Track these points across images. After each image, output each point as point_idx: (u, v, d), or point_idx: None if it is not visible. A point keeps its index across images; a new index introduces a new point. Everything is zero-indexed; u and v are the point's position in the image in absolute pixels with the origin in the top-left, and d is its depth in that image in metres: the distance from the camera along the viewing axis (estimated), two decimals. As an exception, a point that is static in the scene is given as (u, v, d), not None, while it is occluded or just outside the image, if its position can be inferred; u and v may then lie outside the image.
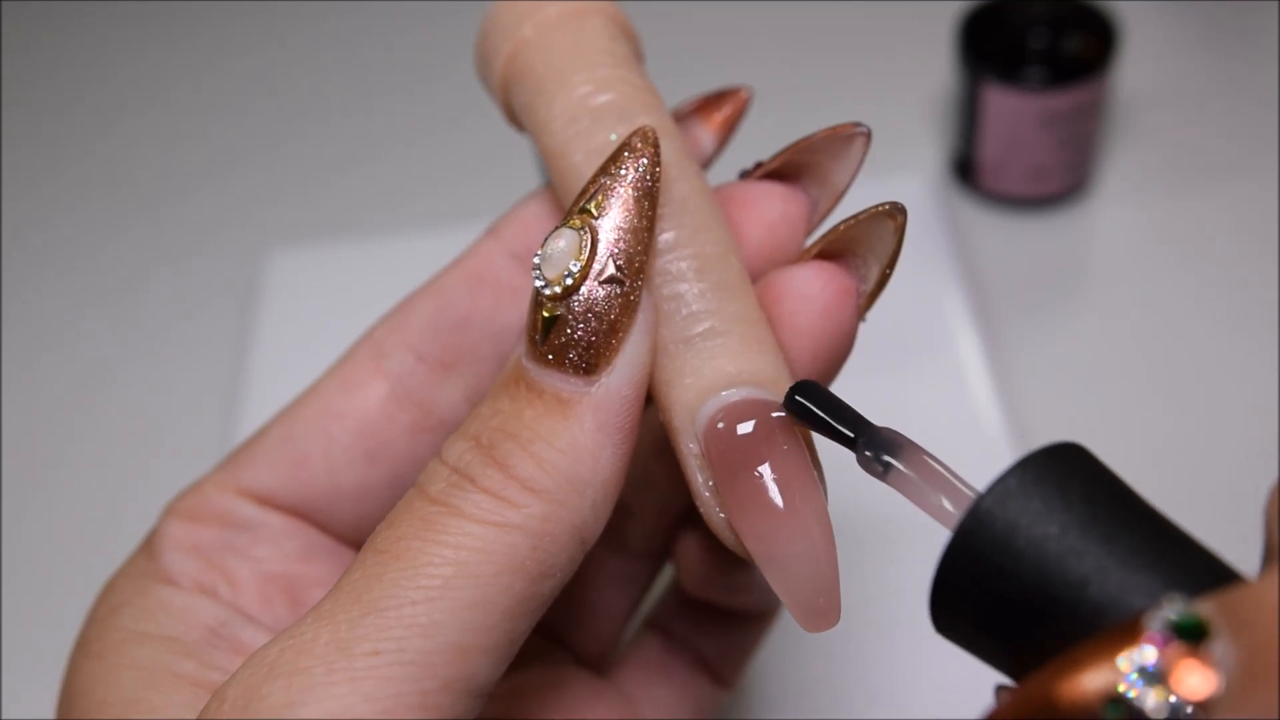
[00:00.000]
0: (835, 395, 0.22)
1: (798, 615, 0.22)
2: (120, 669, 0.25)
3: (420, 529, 0.22)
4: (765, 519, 0.22)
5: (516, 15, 0.26)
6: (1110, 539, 0.19)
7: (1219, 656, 0.16)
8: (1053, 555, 0.19)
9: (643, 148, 0.23)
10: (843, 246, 0.25)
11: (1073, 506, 0.19)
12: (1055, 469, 0.20)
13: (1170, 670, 0.16)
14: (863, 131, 0.25)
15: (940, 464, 0.21)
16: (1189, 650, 0.16)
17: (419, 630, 0.20)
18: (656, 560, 0.32)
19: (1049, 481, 0.19)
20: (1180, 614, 0.16)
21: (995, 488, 0.19)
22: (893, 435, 0.22)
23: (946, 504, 0.21)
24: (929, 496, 0.21)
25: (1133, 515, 0.19)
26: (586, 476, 0.22)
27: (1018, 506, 0.19)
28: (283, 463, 0.28)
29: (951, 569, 0.20)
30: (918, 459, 0.21)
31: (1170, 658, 0.16)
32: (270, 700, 0.20)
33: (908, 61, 0.64)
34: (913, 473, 0.21)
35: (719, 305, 0.24)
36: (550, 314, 0.23)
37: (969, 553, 0.19)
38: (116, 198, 0.66)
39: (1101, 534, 0.19)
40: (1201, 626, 0.16)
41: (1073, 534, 0.19)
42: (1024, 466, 0.20)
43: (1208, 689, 0.15)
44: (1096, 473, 0.20)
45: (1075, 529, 0.19)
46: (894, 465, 0.21)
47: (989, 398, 0.49)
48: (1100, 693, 0.16)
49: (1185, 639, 0.16)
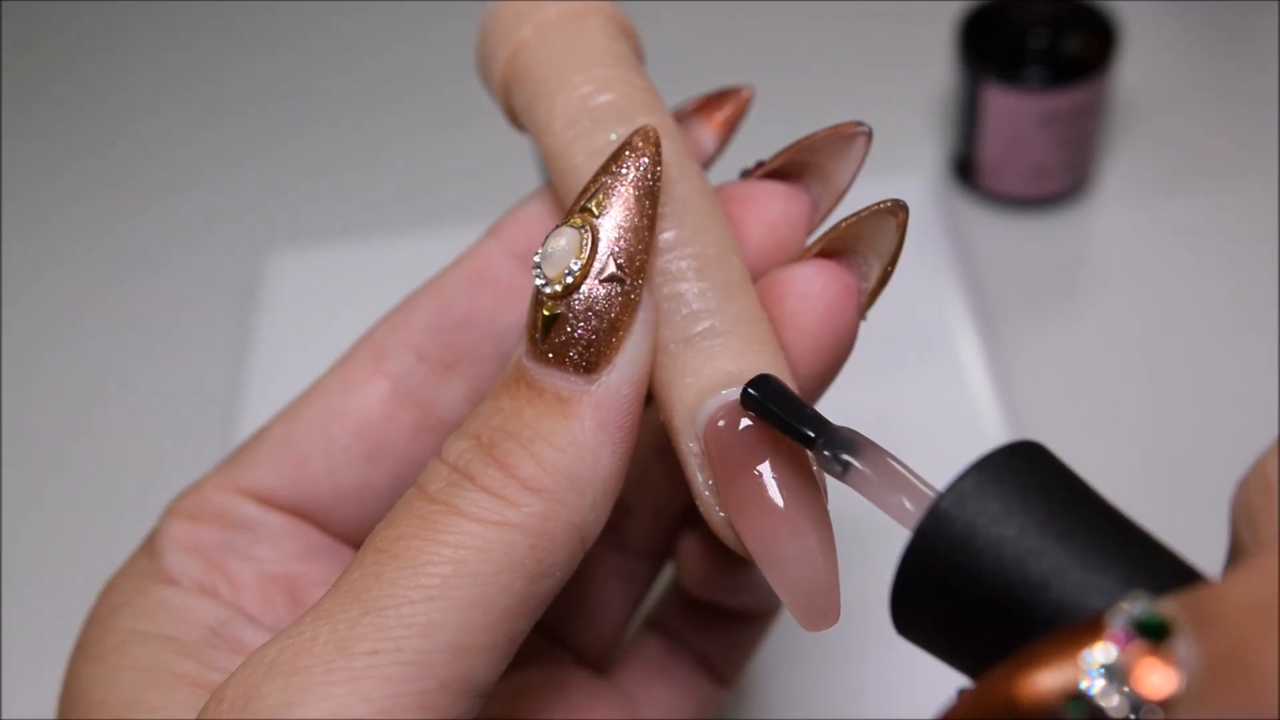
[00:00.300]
0: (793, 393, 0.22)
1: (797, 615, 0.22)
2: (120, 669, 0.25)
3: (419, 528, 0.22)
4: (765, 518, 0.22)
5: (516, 16, 0.26)
6: (1069, 538, 0.19)
7: (1182, 655, 0.15)
8: (1011, 555, 0.19)
9: (644, 147, 0.23)
10: (844, 245, 0.25)
11: (1032, 506, 0.19)
12: (1015, 468, 0.20)
13: (1132, 668, 0.16)
14: (864, 130, 0.25)
15: (900, 464, 0.21)
16: (1151, 648, 0.16)
17: (417, 630, 0.20)
18: (657, 560, 0.32)
19: (1008, 481, 0.19)
20: (1143, 612, 0.16)
21: (954, 488, 0.19)
22: (851, 435, 0.22)
23: (906, 504, 0.20)
24: (888, 496, 0.21)
25: (1093, 514, 0.19)
26: (586, 475, 0.22)
27: (976, 506, 0.19)
28: (283, 463, 0.28)
29: (911, 570, 0.20)
30: (877, 459, 0.21)
31: (1132, 655, 0.16)
32: (269, 700, 0.20)
33: (908, 61, 0.64)
34: (872, 472, 0.21)
35: (719, 305, 0.24)
36: (550, 312, 0.23)
37: (928, 553, 0.19)
38: (116, 198, 0.66)
39: (1061, 533, 0.19)
40: (1164, 625, 0.16)
41: (1032, 533, 0.19)
42: (982, 466, 0.20)
43: (1169, 688, 0.15)
44: (1056, 472, 0.20)
45: (1034, 528, 0.19)
46: (853, 465, 0.21)
47: (989, 398, 0.49)
48: (1060, 690, 0.16)
49: (1148, 637, 0.16)
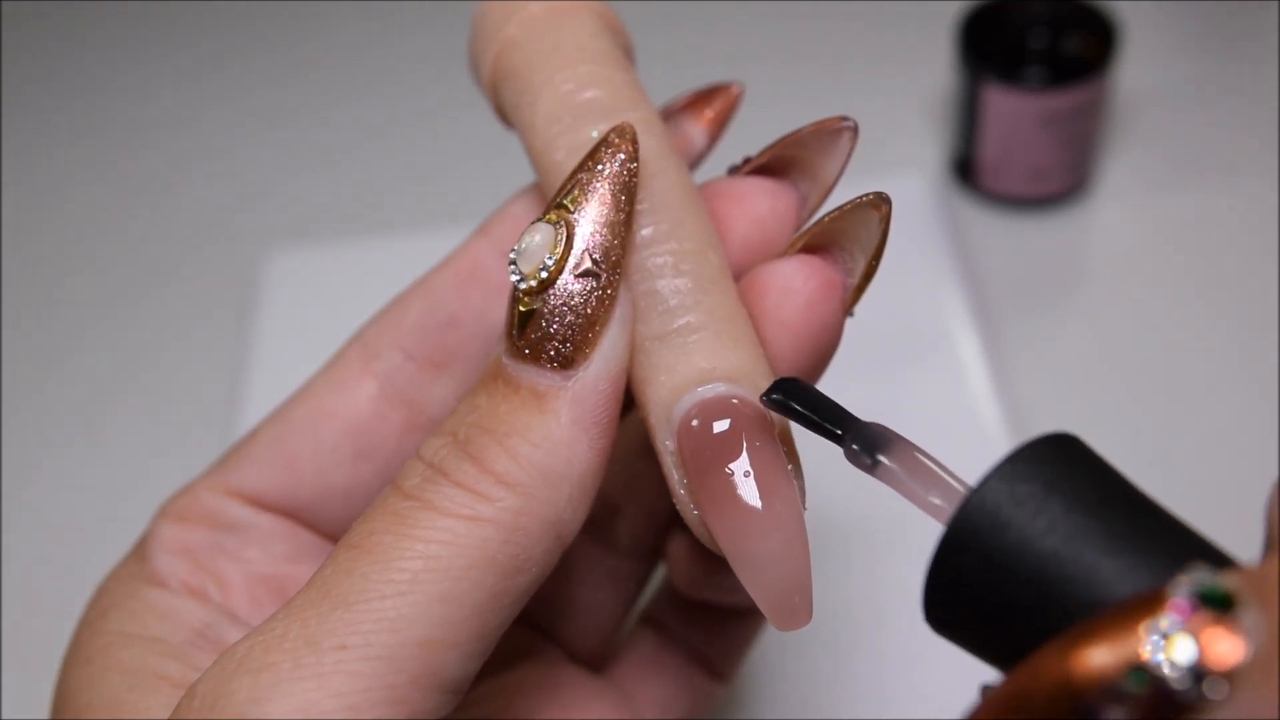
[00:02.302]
0: (819, 391, 0.22)
1: (769, 614, 0.22)
2: (106, 671, 0.25)
3: (392, 524, 0.21)
4: (737, 517, 0.22)
5: (503, 14, 0.26)
6: (1108, 529, 0.19)
7: (1248, 626, 0.15)
8: (1049, 548, 0.19)
9: (620, 143, 0.23)
10: (828, 239, 0.25)
11: (1068, 497, 0.19)
12: (1049, 459, 0.19)
13: (1198, 636, 0.15)
14: (849, 126, 0.25)
15: (930, 458, 0.21)
16: (1217, 618, 0.15)
17: (387, 625, 0.20)
18: (649, 559, 0.32)
19: (1043, 472, 0.19)
20: (1207, 582, 0.16)
21: (988, 481, 0.19)
22: (881, 430, 0.21)
23: (937, 499, 0.20)
24: (919, 492, 0.21)
25: (1129, 505, 0.19)
26: (562, 470, 0.22)
27: (1012, 499, 0.19)
28: (273, 464, 0.28)
29: (944, 565, 0.19)
30: (907, 454, 0.21)
31: (1197, 624, 0.15)
32: (236, 697, 0.20)
33: (908, 61, 0.64)
34: (902, 468, 0.21)
35: (696, 301, 0.24)
36: (526, 308, 0.23)
37: (962, 548, 0.19)
38: (116, 197, 0.66)
39: (1099, 524, 0.19)
40: (1228, 596, 0.15)
41: (1068, 525, 0.19)
42: (1016, 458, 0.19)
43: (1236, 657, 0.15)
44: (1091, 462, 0.20)
45: (1070, 520, 0.19)
46: (883, 461, 0.21)
47: (989, 397, 0.49)
48: (1121, 663, 0.15)
49: (1212, 607, 0.15)
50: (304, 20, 0.73)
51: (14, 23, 0.75)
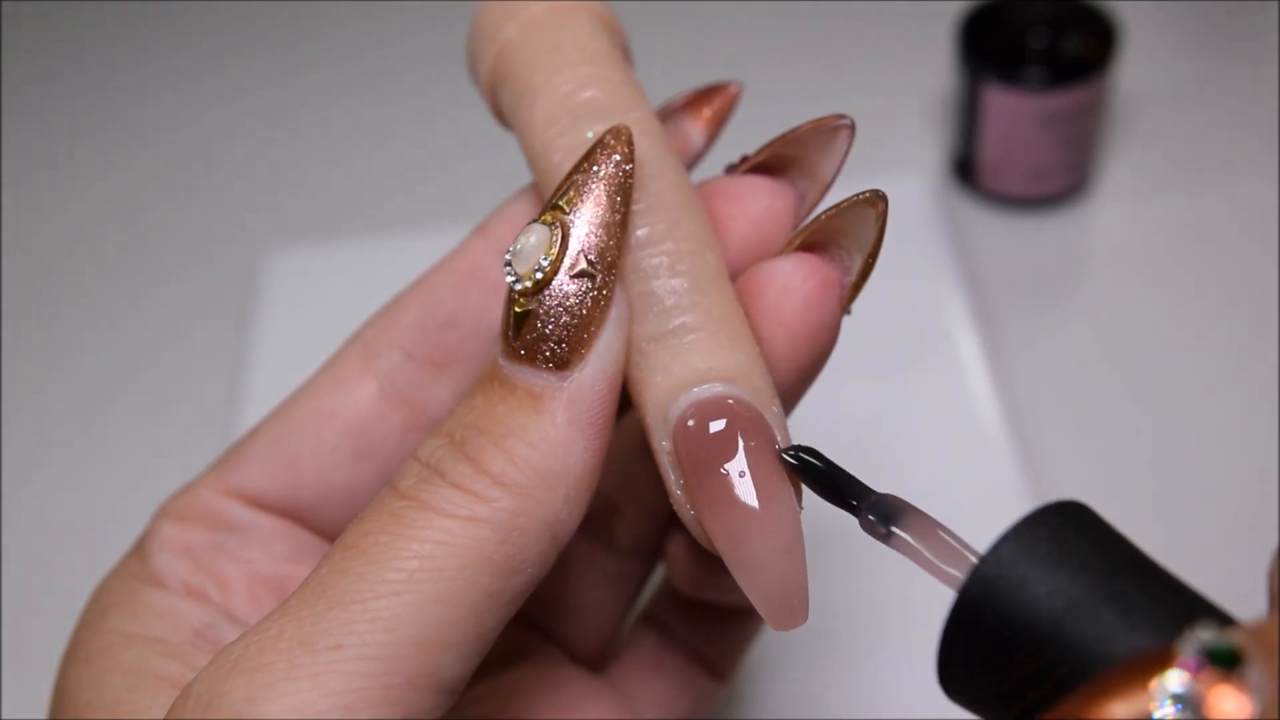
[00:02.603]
0: (832, 462, 0.23)
1: (765, 615, 0.22)
2: (106, 672, 0.25)
3: (388, 524, 0.21)
4: (733, 518, 0.22)
5: (501, 15, 0.26)
6: (1118, 590, 0.19)
7: (1254, 683, 0.15)
8: (1060, 609, 0.19)
9: (616, 144, 0.23)
10: (825, 238, 0.24)
11: (1080, 562, 0.19)
12: (1057, 527, 0.20)
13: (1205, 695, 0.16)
14: (846, 124, 0.25)
15: (943, 529, 0.21)
16: (1224, 676, 0.16)
17: (382, 625, 0.20)
18: (648, 559, 0.32)
19: (1054, 538, 0.20)
20: (1214, 640, 0.16)
21: (997, 549, 0.20)
22: (895, 501, 0.22)
23: (949, 568, 0.21)
24: (933, 561, 0.21)
25: (1139, 570, 0.19)
26: (558, 470, 0.22)
27: (1020, 567, 0.19)
28: (273, 464, 0.28)
29: (956, 632, 0.20)
30: (920, 523, 0.21)
31: (1205, 683, 0.16)
32: (231, 697, 0.20)
33: (908, 61, 0.64)
34: (915, 538, 0.21)
35: (693, 301, 0.24)
36: (522, 309, 0.23)
37: (975, 613, 0.20)
38: (115, 198, 0.66)
39: (1109, 587, 0.19)
40: (1236, 653, 0.16)
41: (1079, 587, 0.19)
42: (1025, 526, 0.20)
43: (1243, 714, 0.15)
44: (1098, 530, 0.20)
45: (1082, 582, 0.19)
46: (896, 532, 0.22)
47: (989, 397, 0.49)
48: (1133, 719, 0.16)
49: (1220, 665, 0.16)
50: (304, 20, 0.74)
51: (14, 23, 0.75)
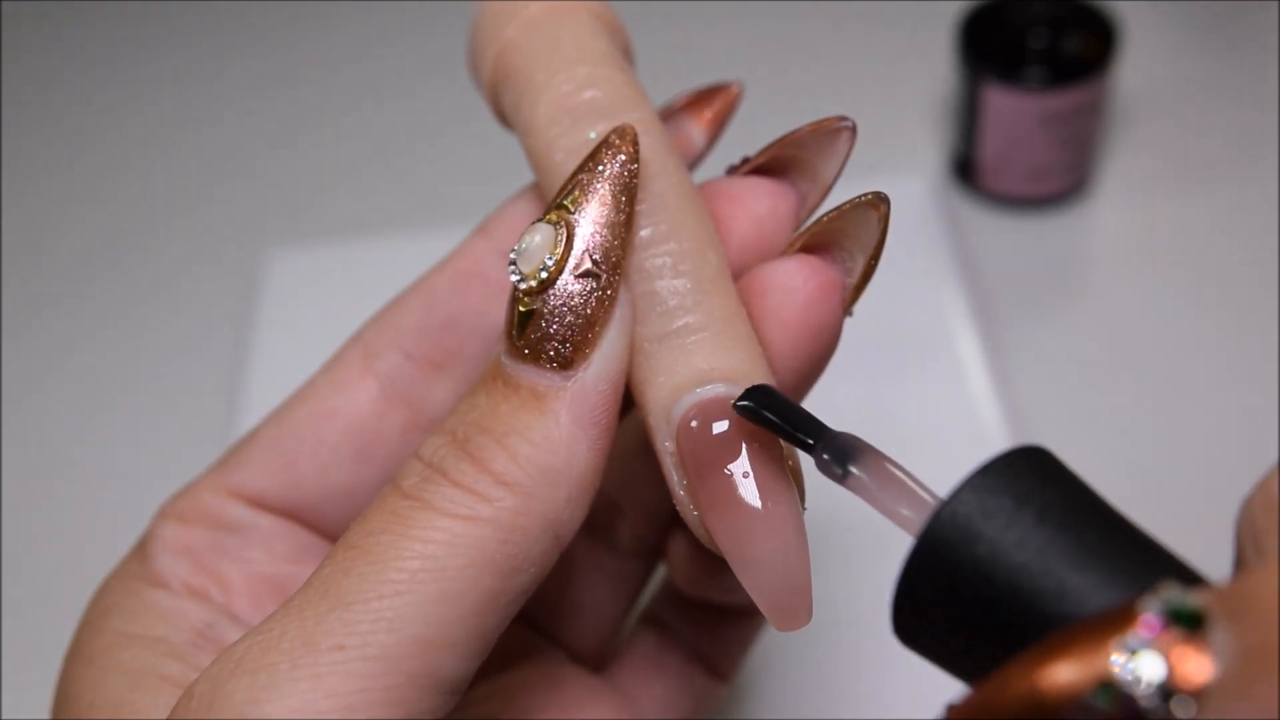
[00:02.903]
0: (790, 400, 0.22)
1: (769, 615, 0.22)
2: (108, 672, 0.25)
3: (390, 523, 0.22)
4: (737, 518, 0.22)
5: (501, 16, 0.26)
6: (1079, 543, 0.18)
7: (1217, 645, 0.15)
8: (1018, 561, 0.18)
9: (621, 144, 0.23)
10: (827, 239, 0.25)
11: (1039, 511, 0.19)
12: (1019, 473, 0.19)
13: (1167, 654, 0.15)
14: (848, 125, 0.25)
15: (901, 469, 0.21)
16: (1186, 636, 0.15)
17: (384, 625, 0.20)
18: (650, 559, 0.32)
19: (1013, 486, 0.19)
20: (1177, 600, 0.16)
21: (958, 493, 0.19)
22: (852, 440, 0.21)
23: (907, 511, 0.20)
24: (889, 503, 0.20)
25: (1100, 519, 0.19)
26: (561, 470, 0.22)
27: (981, 512, 0.19)
28: (274, 464, 0.28)
29: (913, 577, 0.19)
30: (877, 465, 0.21)
31: (1166, 642, 0.15)
32: (234, 697, 0.20)
33: (908, 61, 0.64)
34: (871, 479, 0.21)
35: (695, 302, 0.24)
36: (526, 308, 0.23)
37: (931, 560, 0.19)
38: (117, 199, 0.66)
39: (1069, 539, 0.18)
40: (1199, 614, 0.15)
41: (1039, 539, 0.18)
42: (986, 471, 0.19)
43: (1204, 676, 0.15)
44: (1061, 476, 0.20)
45: (1041, 534, 0.19)
46: (853, 471, 0.21)
47: (989, 398, 0.49)
48: (1090, 678, 0.15)
49: (1182, 625, 0.15)
50: (304, 21, 0.74)
51: (14, 23, 0.75)
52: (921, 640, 0.20)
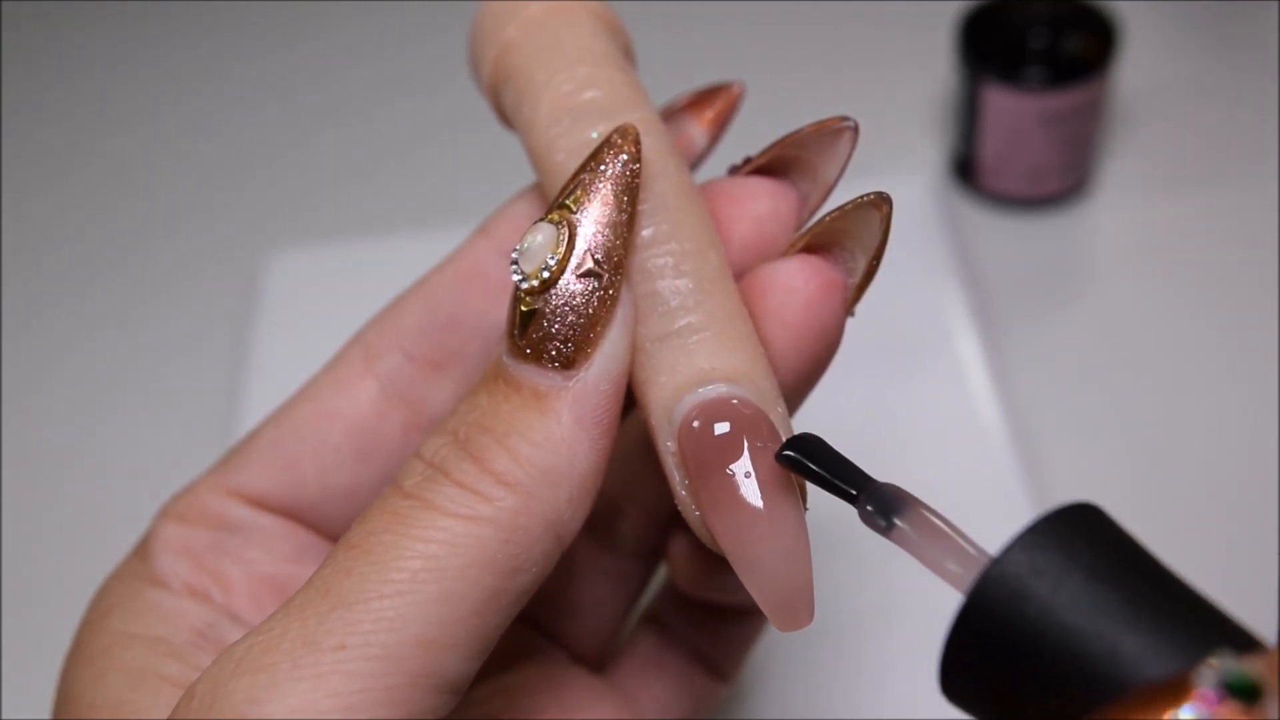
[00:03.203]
0: (833, 449, 0.22)
1: (771, 615, 0.22)
2: (108, 672, 0.25)
3: (391, 523, 0.22)
4: (738, 518, 0.22)
5: (502, 15, 0.26)
6: (1138, 598, 0.18)
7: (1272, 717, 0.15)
8: (1071, 623, 0.18)
9: (623, 143, 0.23)
10: (829, 239, 0.25)
11: (1091, 571, 0.18)
12: (1071, 531, 0.19)
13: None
14: (850, 125, 0.25)
15: (945, 522, 0.20)
16: (1243, 709, 0.15)
17: (385, 625, 0.20)
18: (650, 559, 0.32)
19: (1065, 544, 0.19)
20: (1233, 671, 0.15)
21: (1009, 551, 0.19)
22: (895, 492, 0.21)
23: (954, 566, 0.20)
24: (936, 557, 0.20)
25: (1153, 580, 0.19)
26: (563, 469, 0.22)
27: (1033, 571, 0.18)
28: (275, 464, 0.28)
29: (963, 636, 0.19)
30: (922, 518, 0.21)
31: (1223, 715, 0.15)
32: (235, 697, 0.20)
33: (908, 61, 0.64)
34: (917, 532, 0.20)
35: (697, 302, 0.24)
36: (528, 308, 0.23)
37: (982, 620, 0.19)
38: (117, 200, 0.66)
39: (1128, 593, 0.18)
40: (1254, 685, 0.15)
41: (1099, 592, 0.18)
42: (1036, 529, 0.19)
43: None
44: (1113, 535, 0.19)
45: (1101, 587, 0.18)
46: (898, 524, 0.21)
47: (989, 398, 0.49)
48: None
49: (1238, 697, 0.15)
50: (304, 21, 0.73)
51: (14, 23, 0.75)
52: (970, 699, 0.20)
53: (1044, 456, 0.49)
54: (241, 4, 0.75)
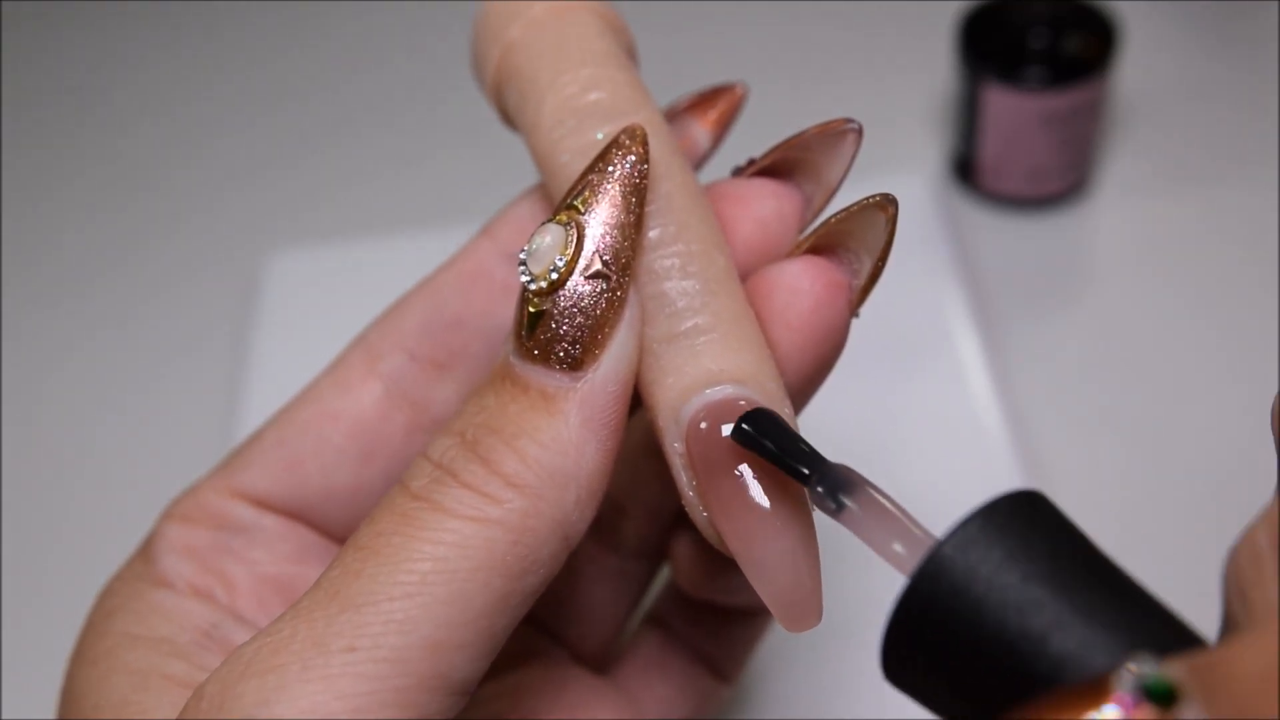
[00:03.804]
0: (789, 427, 0.22)
1: (778, 616, 0.22)
2: (113, 672, 0.25)
3: (400, 525, 0.22)
4: (746, 519, 0.22)
5: (505, 16, 0.26)
6: (1073, 592, 0.18)
7: None
8: (1012, 606, 0.18)
9: (631, 144, 0.23)
10: (834, 240, 0.25)
11: (1035, 557, 0.19)
12: (1017, 518, 0.19)
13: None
14: (854, 127, 0.25)
15: (896, 506, 0.21)
16: (1158, 714, 0.15)
17: (395, 627, 0.20)
18: (654, 560, 0.32)
19: (1011, 530, 0.19)
20: (1151, 675, 0.15)
21: (955, 534, 0.19)
22: (847, 473, 0.21)
23: (900, 548, 0.20)
24: (882, 539, 0.20)
25: (1095, 569, 0.19)
26: (570, 471, 0.22)
27: (978, 554, 0.19)
28: (278, 465, 0.28)
29: (905, 616, 0.19)
30: (870, 500, 0.21)
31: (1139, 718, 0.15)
32: (244, 699, 0.20)
33: (908, 61, 0.64)
34: (865, 513, 0.21)
35: (704, 303, 0.24)
36: (536, 309, 0.23)
37: (924, 600, 0.19)
38: (117, 200, 0.66)
39: (1063, 586, 0.18)
40: (1171, 690, 0.15)
41: (1034, 585, 0.18)
42: (984, 514, 0.19)
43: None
44: (1058, 523, 0.20)
45: (1037, 580, 0.18)
46: (847, 505, 0.21)
47: (989, 398, 0.49)
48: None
49: (1154, 701, 0.15)
50: (305, 21, 0.73)
51: (14, 23, 0.75)
52: (909, 680, 0.20)
53: (1044, 456, 0.49)
54: (241, 4, 0.75)
